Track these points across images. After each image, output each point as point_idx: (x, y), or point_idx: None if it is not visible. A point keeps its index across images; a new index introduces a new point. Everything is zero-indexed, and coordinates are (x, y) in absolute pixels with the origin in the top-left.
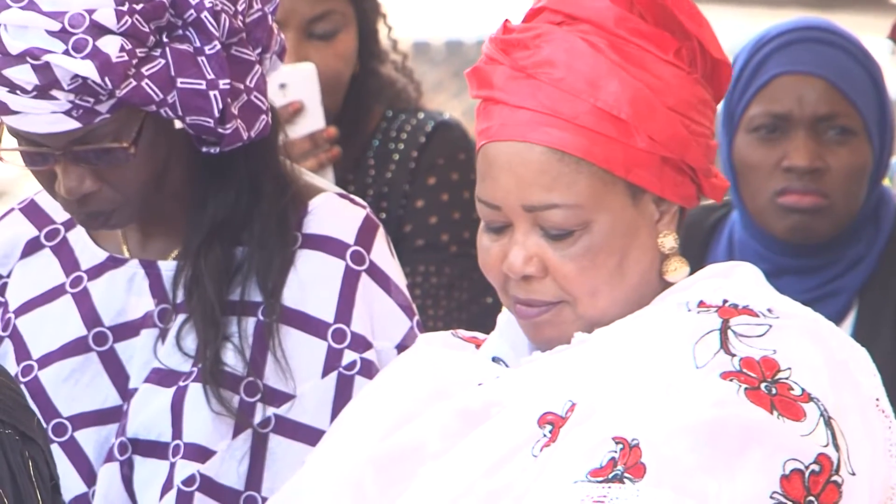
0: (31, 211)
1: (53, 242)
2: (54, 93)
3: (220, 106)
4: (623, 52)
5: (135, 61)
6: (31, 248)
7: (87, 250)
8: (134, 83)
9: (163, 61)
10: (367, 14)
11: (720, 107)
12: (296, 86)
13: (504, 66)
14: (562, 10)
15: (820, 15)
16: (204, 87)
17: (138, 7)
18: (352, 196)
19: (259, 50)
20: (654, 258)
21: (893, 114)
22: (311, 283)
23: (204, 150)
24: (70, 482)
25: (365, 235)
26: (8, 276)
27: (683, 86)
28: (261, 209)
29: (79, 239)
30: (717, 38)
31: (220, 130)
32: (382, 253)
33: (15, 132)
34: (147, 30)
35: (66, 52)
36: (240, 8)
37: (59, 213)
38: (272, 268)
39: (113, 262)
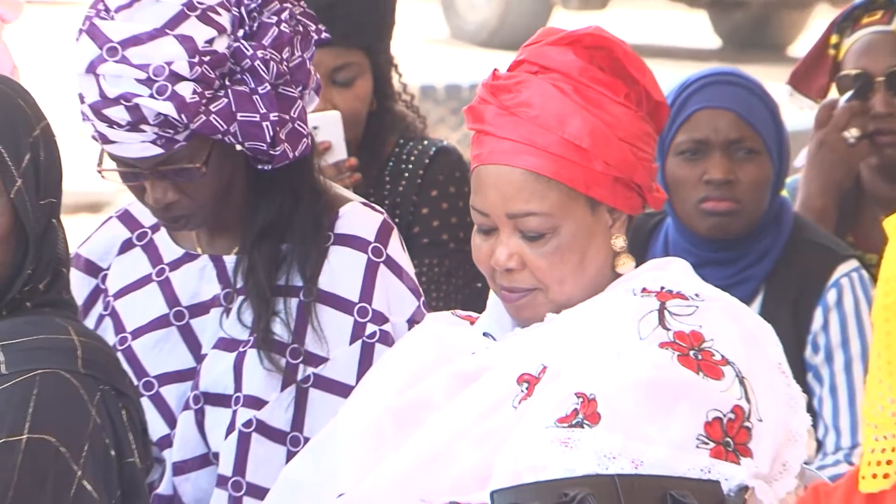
0: (126, 218)
1: (143, 242)
2: (142, 127)
3: (272, 133)
4: (584, 96)
5: (204, 101)
6: (126, 247)
7: (169, 248)
8: (204, 118)
9: (226, 100)
10: (381, 64)
11: None
12: (325, 129)
13: (492, 105)
14: (537, 62)
15: (732, 65)
16: (258, 119)
17: (206, 59)
18: (372, 204)
19: (300, 87)
20: (607, 255)
21: (788, 140)
22: (341, 271)
23: (259, 167)
24: (156, 426)
25: (382, 235)
26: (107, 268)
27: (632, 122)
28: (300, 213)
29: (162, 239)
30: (658, 84)
31: (271, 153)
32: (396, 248)
33: (113, 157)
34: (213, 76)
35: (151, 96)
36: (284, 56)
37: (147, 219)
38: (310, 259)
39: (189, 257)
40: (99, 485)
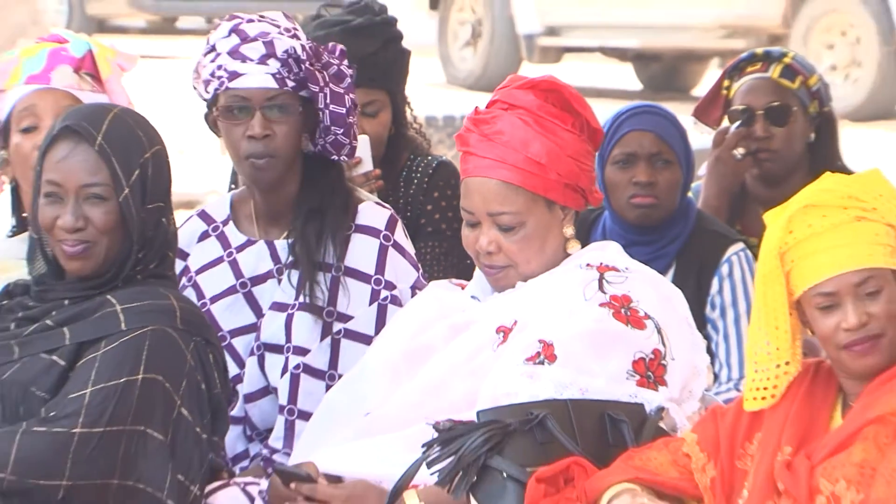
0: (203, 216)
1: (216, 233)
2: (269, 62)
3: (352, 128)
4: (542, 125)
5: (315, 65)
6: (203, 237)
7: (235, 236)
8: (312, 70)
9: (324, 88)
10: (398, 101)
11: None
12: (357, 148)
13: (475, 133)
14: (507, 101)
15: (651, 100)
16: (344, 112)
17: (309, 50)
18: (383, 203)
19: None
20: (561, 240)
21: (693, 155)
22: (360, 252)
23: (317, 150)
24: (229, 367)
25: (390, 225)
26: (189, 253)
27: (576, 144)
28: (334, 208)
29: (230, 230)
30: (595, 116)
31: (342, 141)
32: (400, 235)
33: (233, 96)
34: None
35: (281, 34)
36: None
37: (219, 215)
38: (338, 243)
39: (249, 242)
40: (193, 410)
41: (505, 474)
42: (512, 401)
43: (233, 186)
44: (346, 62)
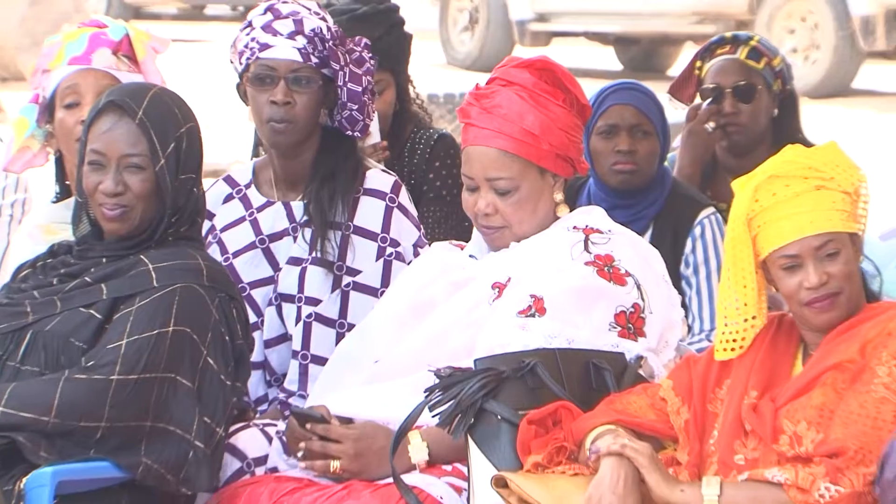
0: (228, 180)
1: (239, 195)
2: (297, 38)
3: (366, 105)
4: (536, 100)
5: (338, 48)
6: (227, 199)
7: (256, 198)
8: (335, 50)
9: (345, 67)
10: (401, 80)
11: None
12: None
13: (476, 107)
14: (504, 78)
15: (630, 79)
16: (360, 91)
17: (337, 30)
18: (388, 170)
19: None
20: (551, 204)
21: (669, 128)
22: (368, 213)
23: (335, 126)
24: (249, 316)
25: (395, 189)
26: (214, 213)
27: (566, 117)
28: (345, 173)
29: (251, 192)
30: (583, 92)
31: (356, 117)
32: (404, 198)
33: (261, 65)
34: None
35: (310, 15)
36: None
37: (242, 179)
38: (347, 204)
39: (268, 204)
40: (218, 359)
41: (499, 417)
42: (506, 350)
43: (254, 156)
44: (368, 53)
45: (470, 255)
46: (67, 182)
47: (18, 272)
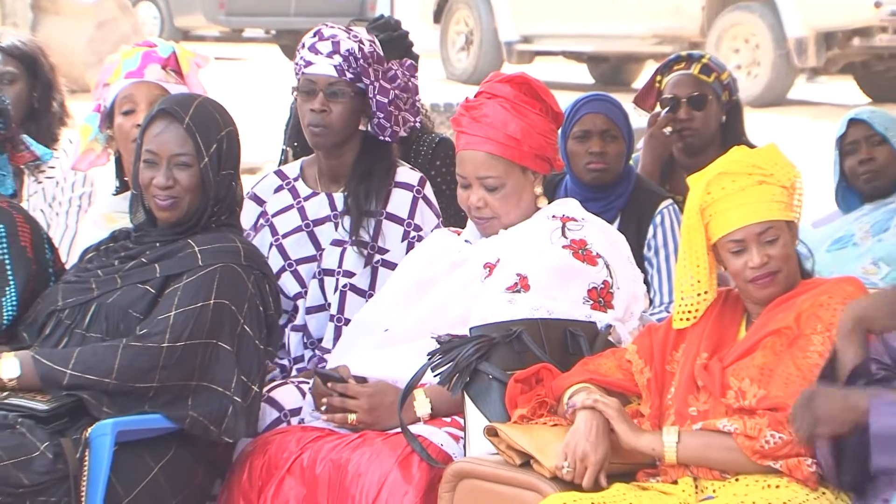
0: (279, 173)
1: (288, 187)
2: (334, 56)
3: (393, 114)
4: (517, 110)
5: (367, 62)
6: (278, 189)
7: (303, 189)
8: (367, 67)
9: (377, 83)
10: None
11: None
12: None
13: (466, 116)
14: (490, 92)
15: (600, 91)
16: (386, 102)
17: (371, 51)
18: (414, 168)
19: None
20: (532, 197)
21: (633, 132)
22: (398, 202)
23: (368, 130)
24: (294, 287)
25: (421, 183)
26: (265, 200)
27: (543, 123)
28: (379, 172)
29: (299, 184)
30: (558, 103)
31: (384, 124)
32: (428, 191)
33: (305, 79)
34: (374, 66)
35: (349, 38)
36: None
37: (291, 173)
38: (381, 195)
39: (314, 194)
40: (253, 327)
41: (491, 376)
42: (496, 320)
43: (282, 159)
44: (410, 73)
45: (465, 240)
46: (125, 178)
47: (85, 254)
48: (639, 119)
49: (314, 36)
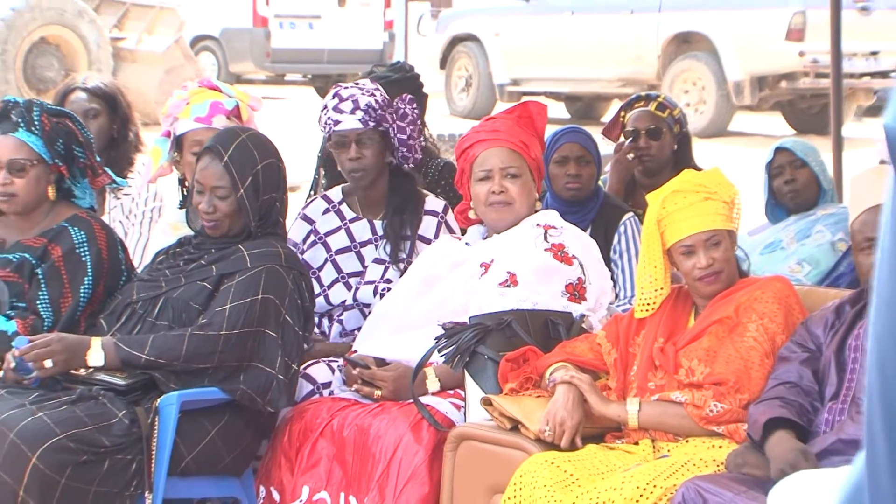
0: (325, 198)
1: (334, 209)
2: (356, 111)
3: (413, 145)
4: (523, 129)
5: (386, 110)
6: (325, 211)
7: (348, 213)
8: (384, 114)
9: (395, 124)
10: (420, 122)
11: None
12: None
13: (482, 131)
14: (501, 116)
15: (575, 124)
16: (406, 137)
17: (384, 99)
18: (438, 197)
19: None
20: (534, 198)
21: (602, 158)
22: (427, 226)
23: (402, 165)
24: (341, 294)
25: (444, 210)
26: (314, 220)
27: (538, 147)
28: (411, 200)
29: (343, 208)
30: (545, 131)
31: (407, 154)
32: (450, 217)
33: (337, 135)
34: (388, 107)
35: (363, 93)
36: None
37: (335, 198)
38: (415, 222)
39: (357, 219)
40: (293, 317)
41: (486, 356)
42: (490, 310)
43: (314, 181)
44: (412, 105)
45: (465, 244)
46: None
47: (156, 257)
48: (606, 147)
49: (334, 98)
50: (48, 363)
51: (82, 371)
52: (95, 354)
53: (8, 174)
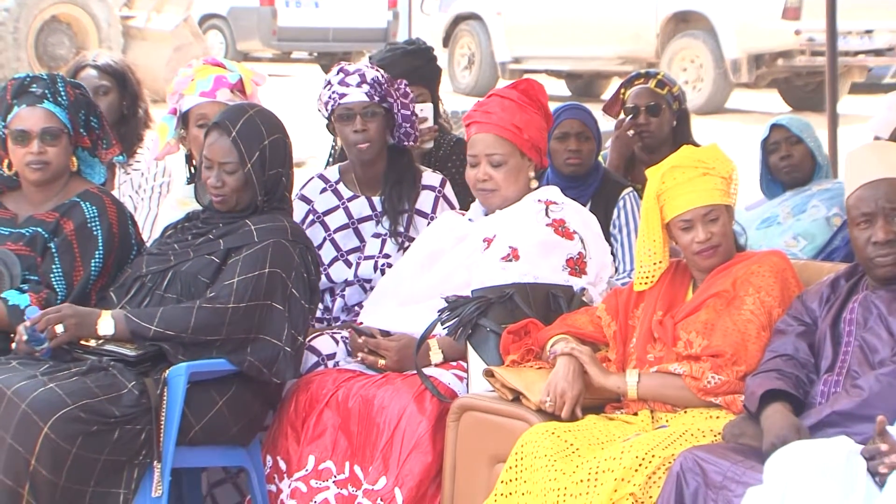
0: (321, 177)
1: (331, 188)
2: (362, 85)
3: (414, 124)
4: (521, 107)
5: (390, 86)
6: (323, 191)
7: (345, 191)
8: (389, 89)
9: (398, 100)
10: (435, 94)
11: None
12: (425, 111)
13: (479, 111)
14: (499, 94)
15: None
16: (409, 114)
17: (386, 79)
18: (436, 171)
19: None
20: (527, 179)
21: (602, 134)
22: (424, 201)
23: (395, 142)
24: (343, 271)
25: (442, 184)
26: (313, 200)
27: (539, 121)
28: (408, 176)
29: (341, 187)
30: (549, 108)
31: (409, 131)
32: (448, 190)
33: (342, 108)
34: (392, 87)
35: (369, 68)
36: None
37: (332, 178)
38: (412, 197)
39: (355, 197)
40: (299, 290)
41: (488, 329)
42: (493, 283)
43: (330, 160)
44: (408, 89)
45: (469, 219)
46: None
47: (165, 231)
48: (607, 124)
49: (339, 74)
50: (59, 328)
51: (93, 342)
52: (105, 323)
53: (41, 143)
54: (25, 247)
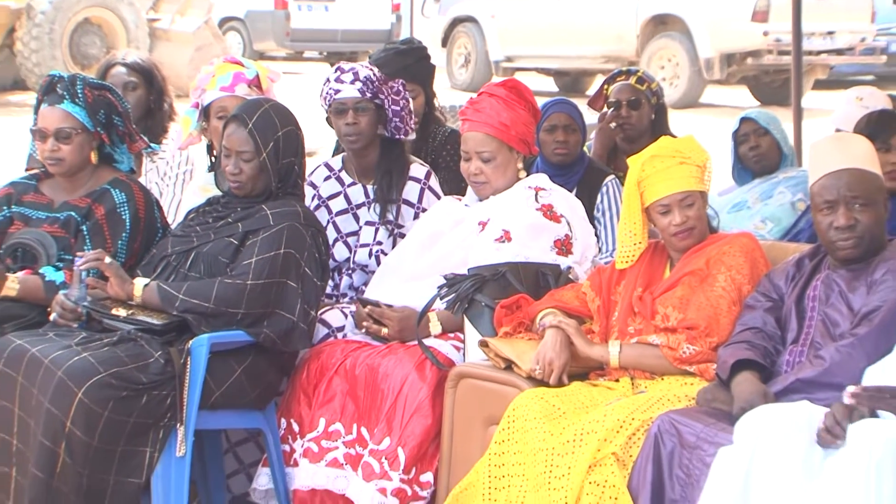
0: (327, 166)
1: (335, 176)
2: (355, 82)
3: (406, 118)
4: (508, 105)
5: (382, 83)
6: (327, 178)
7: (346, 179)
8: (381, 86)
9: (389, 97)
10: (428, 91)
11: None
12: None
13: (470, 108)
14: (489, 92)
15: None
16: (400, 108)
17: (379, 77)
18: (423, 162)
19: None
20: (515, 170)
21: (587, 126)
22: (410, 191)
23: (389, 135)
24: (344, 252)
25: (427, 176)
26: (318, 185)
27: (526, 117)
28: (399, 165)
29: (343, 175)
30: (536, 103)
31: (400, 125)
32: (434, 181)
33: (337, 102)
34: (385, 86)
35: (364, 67)
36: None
37: (336, 165)
38: (400, 187)
39: (353, 184)
40: (311, 269)
41: (483, 303)
42: (487, 262)
43: (334, 155)
44: (404, 87)
45: (465, 204)
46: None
47: (188, 215)
48: (591, 117)
49: (336, 72)
50: (108, 259)
51: (122, 311)
52: (141, 281)
53: (56, 141)
54: (60, 229)
